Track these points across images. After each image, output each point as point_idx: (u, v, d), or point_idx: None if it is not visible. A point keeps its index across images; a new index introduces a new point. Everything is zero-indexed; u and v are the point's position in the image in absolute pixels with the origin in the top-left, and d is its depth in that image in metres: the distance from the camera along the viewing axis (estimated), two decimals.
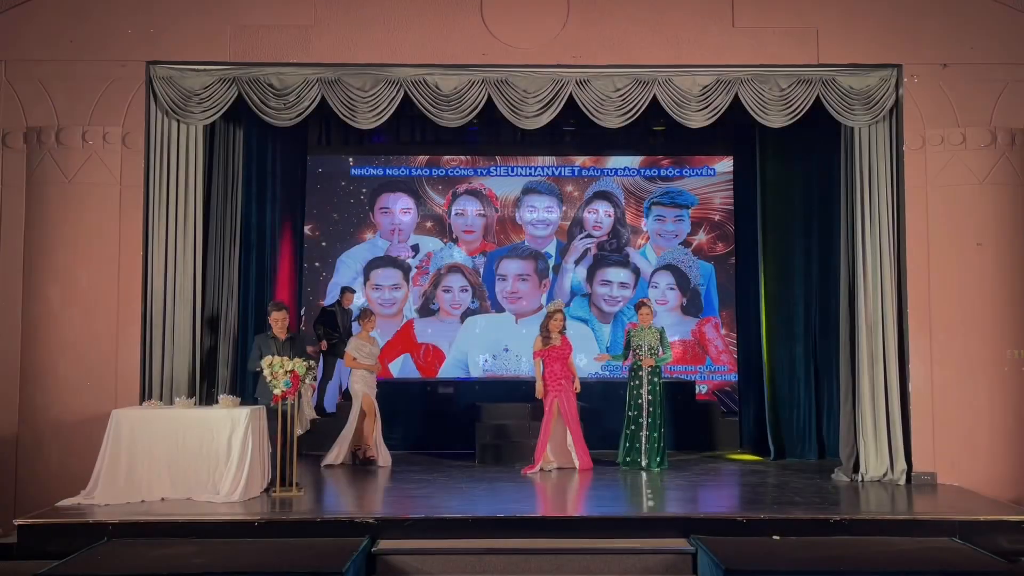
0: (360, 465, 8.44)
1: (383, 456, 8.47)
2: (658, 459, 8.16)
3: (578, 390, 8.23)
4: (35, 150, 7.52)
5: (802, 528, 6.06)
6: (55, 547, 5.81)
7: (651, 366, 8.23)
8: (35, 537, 5.94)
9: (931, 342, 7.54)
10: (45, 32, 7.60)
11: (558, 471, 8.14)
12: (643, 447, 8.15)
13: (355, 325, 9.20)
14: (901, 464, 7.46)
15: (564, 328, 8.26)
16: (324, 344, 10.05)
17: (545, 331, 8.18)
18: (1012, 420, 7.46)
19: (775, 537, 5.97)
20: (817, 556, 5.55)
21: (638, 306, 8.53)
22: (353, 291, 10.56)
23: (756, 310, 9.58)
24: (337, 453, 8.50)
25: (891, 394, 7.53)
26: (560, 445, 8.21)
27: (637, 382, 8.26)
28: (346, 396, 10.21)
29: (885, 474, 7.48)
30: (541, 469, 8.10)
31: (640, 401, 8.22)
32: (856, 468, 7.59)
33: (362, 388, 8.55)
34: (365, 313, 8.76)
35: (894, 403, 7.52)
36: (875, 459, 7.51)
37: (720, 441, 9.72)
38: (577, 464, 8.12)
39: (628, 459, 8.25)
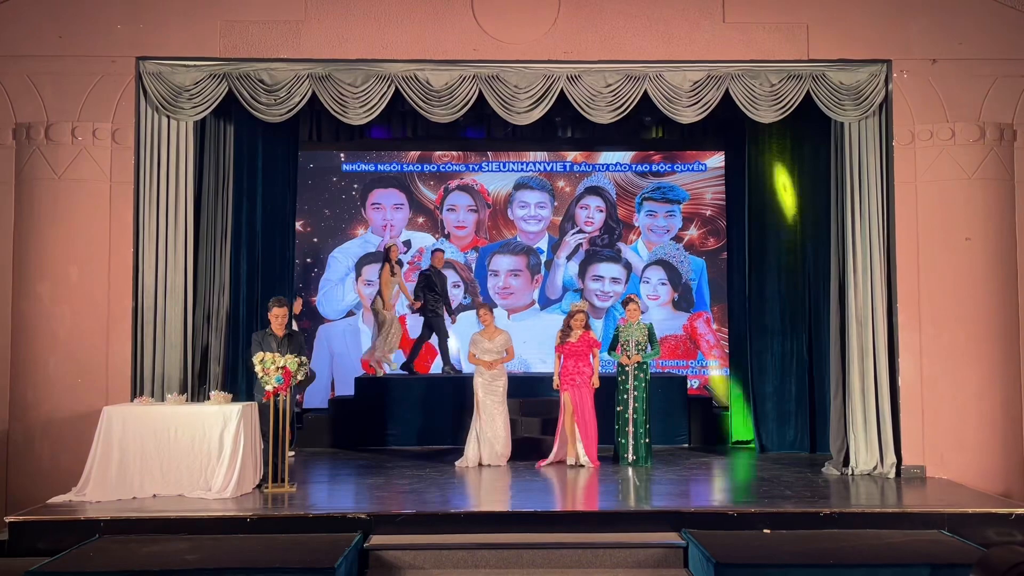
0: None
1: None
2: (644, 454, 8.18)
3: (596, 386, 8.19)
4: (24, 146, 7.49)
5: (792, 521, 6.10)
6: (46, 544, 5.80)
7: (639, 362, 8.24)
8: (26, 534, 5.92)
9: (920, 336, 7.58)
10: (34, 28, 7.56)
11: (557, 466, 8.16)
12: (630, 443, 8.17)
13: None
14: (891, 458, 7.50)
15: (587, 325, 8.32)
16: (418, 304, 10.23)
17: (566, 327, 8.27)
18: (1000, 414, 7.51)
19: (766, 531, 6.01)
20: (807, 549, 5.59)
21: (626, 302, 8.55)
22: (442, 250, 10.52)
23: (747, 305, 9.61)
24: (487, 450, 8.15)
25: (881, 388, 7.58)
26: (568, 440, 8.23)
27: (624, 377, 8.29)
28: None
29: (875, 468, 7.53)
30: (562, 462, 8.18)
31: (627, 397, 8.24)
32: (846, 462, 7.64)
33: (478, 384, 8.28)
34: (478, 306, 8.64)
35: (884, 397, 7.57)
36: (865, 453, 7.56)
37: (711, 435, 9.75)
38: (583, 460, 8.09)
39: (621, 454, 8.27)
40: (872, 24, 7.72)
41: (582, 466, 8.06)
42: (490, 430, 8.19)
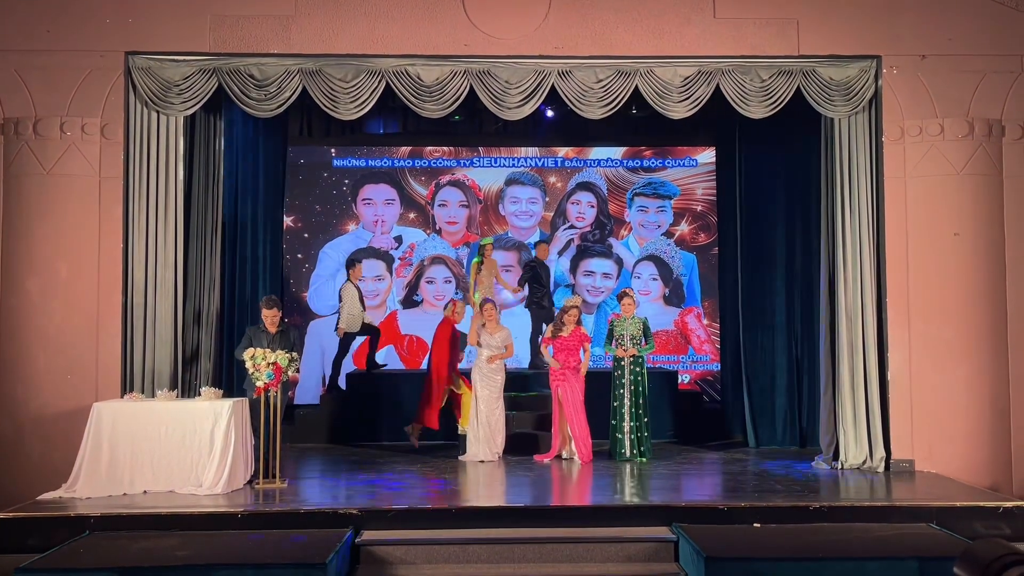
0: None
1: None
2: (642, 448, 8.20)
3: (585, 365, 8.20)
4: (12, 141, 7.44)
5: (782, 515, 6.13)
6: (36, 541, 5.78)
7: (634, 356, 8.26)
8: (16, 531, 5.90)
9: (909, 331, 7.62)
10: (22, 22, 7.51)
11: (565, 460, 8.15)
12: (627, 437, 8.19)
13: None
14: (880, 452, 7.54)
15: (579, 321, 8.34)
16: (517, 289, 10.49)
17: (559, 322, 8.27)
18: (988, 408, 7.56)
19: (755, 525, 6.03)
20: (797, 543, 5.62)
21: (620, 296, 8.56)
22: (547, 242, 10.48)
23: (738, 300, 9.64)
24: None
25: (870, 383, 7.61)
26: (567, 435, 8.24)
27: (620, 372, 8.30)
28: (331, 388, 10.19)
29: (864, 462, 7.57)
30: (558, 457, 8.18)
31: (622, 391, 8.26)
32: (836, 456, 7.67)
33: (476, 379, 8.21)
34: (483, 301, 8.65)
35: (873, 392, 7.61)
36: (854, 447, 7.60)
37: (702, 430, 9.77)
38: (575, 456, 8.11)
39: (615, 450, 8.28)
40: (862, 20, 7.73)
41: (574, 460, 8.07)
42: (486, 425, 8.19)
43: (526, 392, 9.39)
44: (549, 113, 9.80)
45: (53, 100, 7.45)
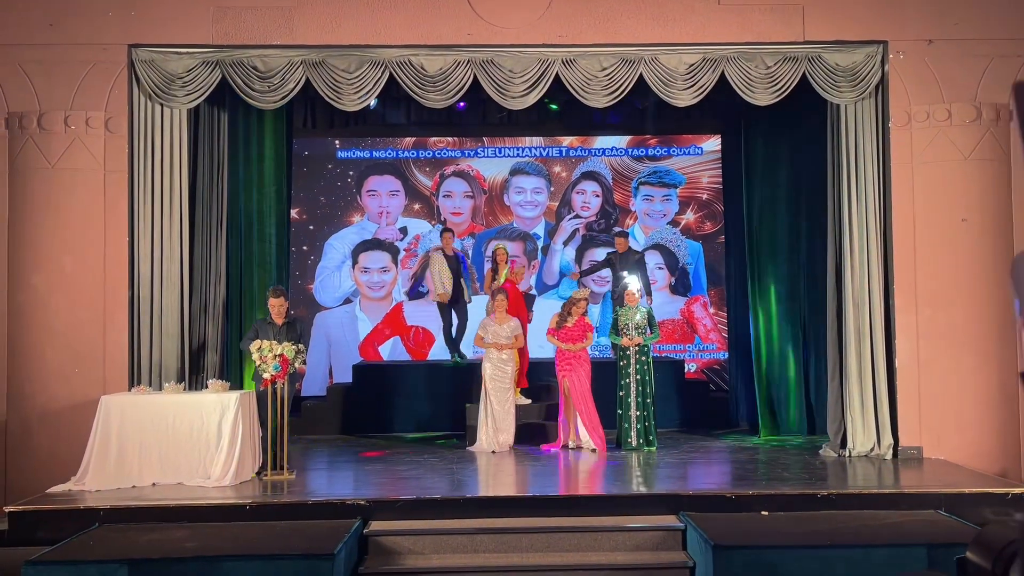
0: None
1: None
2: (649, 437, 8.19)
3: (589, 343, 8.20)
4: (17, 136, 7.45)
5: (790, 503, 6.13)
6: (46, 533, 5.81)
7: (639, 345, 8.25)
8: (26, 524, 5.93)
9: (917, 317, 7.59)
10: (24, 16, 7.50)
11: (573, 450, 8.14)
12: (633, 426, 8.18)
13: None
14: (888, 439, 7.53)
15: (586, 312, 8.33)
16: (578, 274, 10.72)
17: (565, 313, 8.25)
18: (997, 394, 7.53)
19: (763, 513, 6.03)
20: (804, 531, 5.61)
21: (624, 287, 8.54)
22: (626, 234, 10.32)
23: (744, 288, 9.62)
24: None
25: (878, 370, 7.59)
26: (574, 425, 8.23)
27: (625, 362, 8.29)
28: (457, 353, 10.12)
29: (872, 449, 7.55)
30: (565, 447, 8.17)
31: (628, 381, 8.25)
32: (844, 443, 7.66)
33: (486, 370, 8.19)
34: (494, 292, 8.68)
35: (881, 379, 7.58)
36: (862, 434, 7.58)
37: (709, 419, 9.76)
38: (589, 445, 8.06)
39: (622, 439, 8.27)
40: (868, 5, 7.68)
41: (593, 451, 8.00)
42: (496, 415, 8.17)
43: (533, 382, 9.37)
44: (553, 107, 9.77)
45: (57, 94, 7.45)
